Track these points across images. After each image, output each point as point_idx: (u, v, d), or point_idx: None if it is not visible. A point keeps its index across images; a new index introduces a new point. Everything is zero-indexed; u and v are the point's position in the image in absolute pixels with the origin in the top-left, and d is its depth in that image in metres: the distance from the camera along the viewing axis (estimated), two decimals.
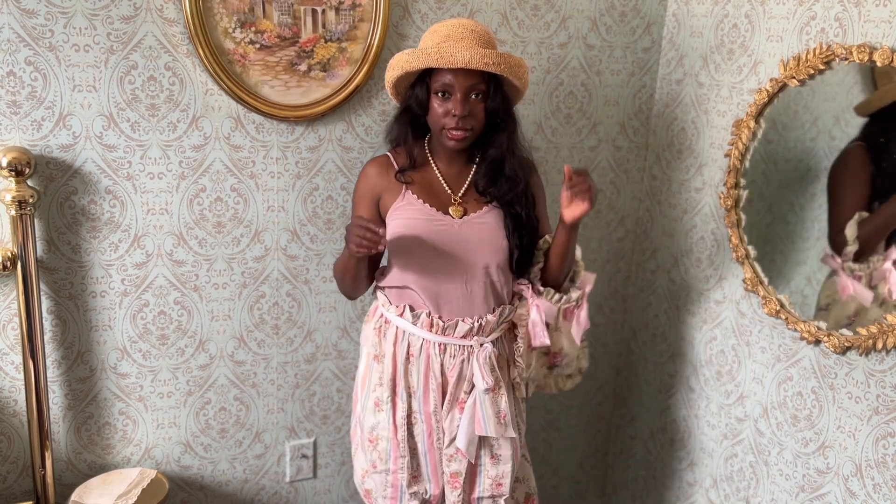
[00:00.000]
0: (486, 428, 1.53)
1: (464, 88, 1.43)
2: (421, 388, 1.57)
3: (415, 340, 1.56)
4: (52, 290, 1.67)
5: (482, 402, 1.53)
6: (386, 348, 1.59)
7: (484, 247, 1.53)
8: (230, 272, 1.81)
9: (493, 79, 1.46)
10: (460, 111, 1.44)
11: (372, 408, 1.61)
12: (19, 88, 1.54)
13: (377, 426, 1.61)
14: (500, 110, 1.49)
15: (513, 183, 1.54)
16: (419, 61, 1.43)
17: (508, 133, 1.52)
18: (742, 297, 1.85)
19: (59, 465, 1.76)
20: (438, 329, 1.54)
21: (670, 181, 2.08)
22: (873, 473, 1.54)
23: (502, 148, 1.53)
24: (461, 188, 1.58)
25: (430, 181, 1.57)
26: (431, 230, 1.52)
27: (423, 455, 1.62)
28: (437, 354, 1.56)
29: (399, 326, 1.58)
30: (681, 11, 2.01)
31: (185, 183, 1.72)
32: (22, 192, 1.52)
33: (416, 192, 1.55)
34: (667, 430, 2.15)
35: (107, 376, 1.76)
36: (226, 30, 1.63)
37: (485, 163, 1.56)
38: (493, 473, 1.62)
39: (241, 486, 1.97)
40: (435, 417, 1.58)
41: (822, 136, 1.61)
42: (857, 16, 1.50)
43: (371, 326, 1.64)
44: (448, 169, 1.58)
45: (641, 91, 2.10)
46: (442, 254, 1.52)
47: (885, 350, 1.48)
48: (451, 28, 1.45)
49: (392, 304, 1.59)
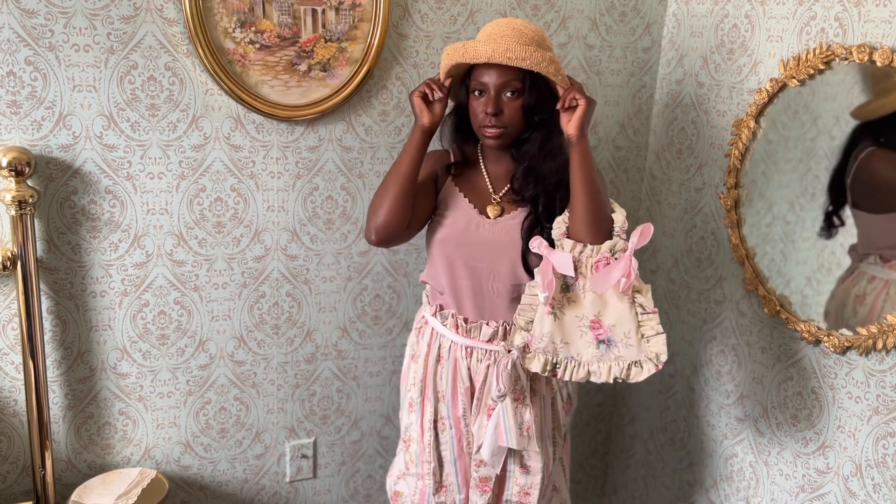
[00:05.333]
0: (508, 439, 1.50)
1: (496, 86, 1.43)
2: (449, 392, 1.57)
3: (444, 342, 1.58)
4: (52, 290, 1.67)
5: (504, 412, 1.49)
6: (421, 348, 1.62)
7: (510, 248, 1.51)
8: (230, 272, 1.81)
9: (531, 77, 1.43)
10: (491, 108, 1.43)
11: (407, 408, 1.65)
12: (19, 88, 1.54)
13: (409, 427, 1.64)
14: (538, 108, 1.45)
15: (541, 182, 1.49)
16: (448, 58, 1.46)
17: (545, 132, 1.48)
18: (742, 297, 1.85)
19: (59, 464, 1.76)
20: (463, 330, 1.54)
21: (670, 181, 2.08)
22: (873, 473, 1.54)
23: (535, 146, 1.49)
24: (503, 188, 1.56)
25: (476, 179, 1.58)
26: (464, 227, 1.53)
27: (451, 464, 1.60)
28: (463, 357, 1.56)
29: (433, 327, 1.60)
30: (681, 11, 2.01)
31: (185, 183, 1.72)
32: (22, 192, 1.52)
33: (460, 186, 1.57)
34: (667, 430, 2.15)
35: (107, 376, 1.76)
36: (226, 30, 1.63)
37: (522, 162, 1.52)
38: (521, 482, 1.59)
39: (241, 486, 1.97)
40: (464, 422, 1.58)
41: (822, 136, 1.61)
42: (857, 16, 1.50)
43: (414, 326, 1.68)
44: (494, 168, 1.57)
45: (641, 91, 2.10)
46: (471, 253, 1.52)
47: (885, 350, 1.48)
48: (494, 26, 1.46)
49: (429, 304, 1.62)
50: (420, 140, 1.49)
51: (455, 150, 1.61)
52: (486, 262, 1.52)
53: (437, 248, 1.56)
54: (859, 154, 1.54)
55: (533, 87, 1.44)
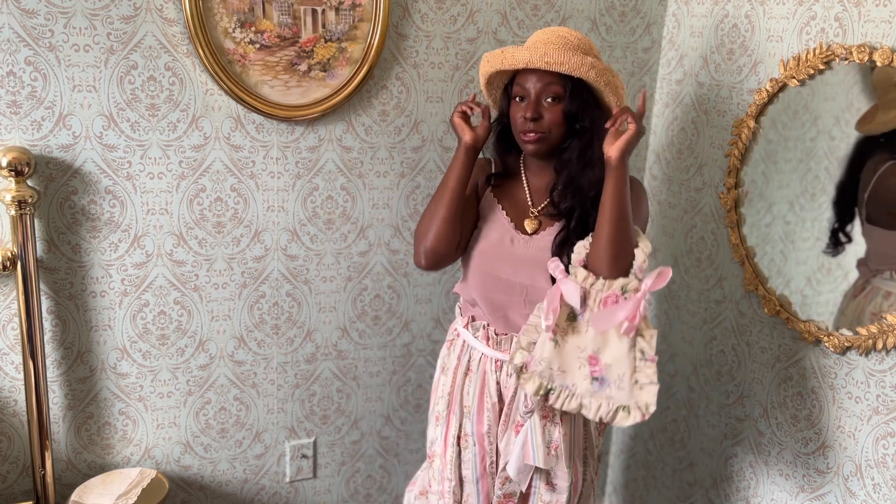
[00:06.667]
0: (535, 458, 1.45)
1: (536, 91, 1.41)
2: (475, 407, 1.54)
3: (475, 354, 1.55)
4: (52, 290, 1.67)
5: (532, 430, 1.45)
6: (451, 360, 1.60)
7: (540, 265, 1.45)
8: (230, 272, 1.81)
9: (572, 83, 1.41)
10: (531, 113, 1.41)
11: (433, 421, 1.63)
12: (19, 88, 1.54)
13: (435, 442, 1.61)
14: (579, 115, 1.42)
15: (579, 194, 1.44)
16: (488, 65, 1.45)
17: (585, 141, 1.43)
18: (742, 297, 1.85)
19: (59, 464, 1.76)
20: (494, 343, 1.52)
21: (670, 181, 2.08)
22: (873, 473, 1.54)
23: (573, 154, 1.44)
24: (542, 201, 1.52)
25: (517, 191, 1.55)
26: (499, 240, 1.50)
27: (472, 483, 1.56)
28: (492, 371, 1.52)
29: (464, 339, 1.58)
30: (681, 11, 2.01)
31: (185, 183, 1.72)
32: (22, 192, 1.52)
33: (499, 198, 1.54)
34: (667, 430, 2.15)
35: (107, 376, 1.76)
36: (226, 30, 1.63)
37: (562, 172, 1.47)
38: (546, 499, 1.54)
39: (241, 486, 1.97)
40: (488, 439, 1.54)
41: (822, 136, 1.61)
42: (857, 16, 1.50)
43: (447, 339, 1.66)
44: (536, 180, 1.53)
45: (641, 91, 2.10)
46: (504, 268, 1.49)
47: (885, 350, 1.48)
48: (540, 33, 1.45)
49: (462, 315, 1.60)
50: (464, 158, 1.47)
51: (496, 160, 1.58)
52: (519, 277, 1.48)
53: (471, 260, 1.53)
54: (877, 168, 1.49)
55: (575, 93, 1.41)
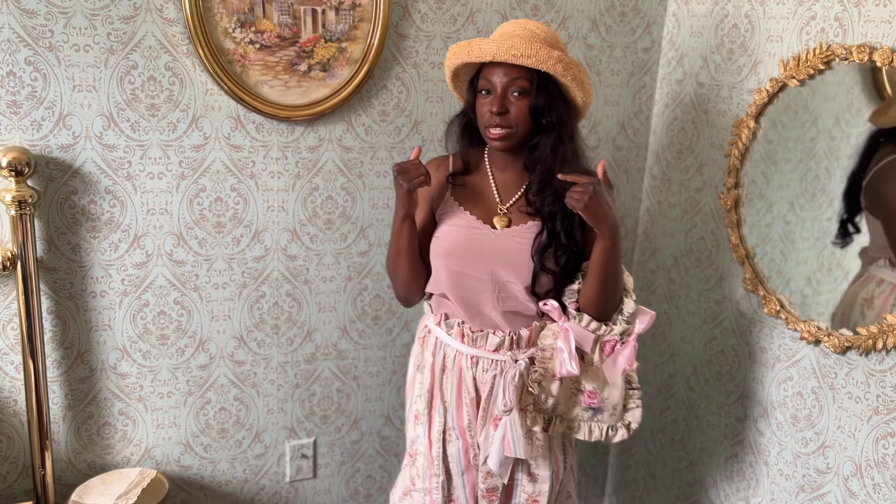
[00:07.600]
0: (516, 449, 1.45)
1: (502, 84, 1.39)
2: (454, 402, 1.54)
3: (449, 351, 1.53)
4: (52, 290, 1.67)
5: (512, 422, 1.45)
6: (426, 358, 1.58)
7: (514, 264, 1.45)
8: (230, 272, 1.81)
9: (539, 77, 1.39)
10: (497, 107, 1.39)
11: (413, 420, 1.61)
12: (19, 88, 1.54)
13: (416, 440, 1.60)
14: (546, 110, 1.40)
15: (558, 195, 1.42)
16: (455, 57, 1.44)
17: (555, 136, 1.42)
18: (742, 297, 1.85)
19: (59, 465, 1.76)
20: (469, 340, 1.50)
21: (670, 181, 2.08)
22: (873, 473, 1.54)
23: (545, 152, 1.42)
24: (511, 197, 1.51)
25: (482, 188, 1.53)
26: (467, 239, 1.48)
27: (459, 476, 1.56)
28: (468, 367, 1.51)
29: (437, 336, 1.56)
30: (681, 11, 2.01)
31: (185, 183, 1.72)
32: (22, 192, 1.52)
33: (461, 199, 1.52)
34: (667, 430, 2.15)
35: (107, 376, 1.76)
36: (226, 30, 1.63)
37: (534, 170, 1.45)
38: (529, 490, 1.56)
39: (241, 486, 1.97)
40: (469, 433, 1.54)
41: (822, 136, 1.61)
42: (857, 16, 1.50)
43: (417, 336, 1.63)
44: (502, 176, 1.52)
45: (641, 91, 2.10)
46: (474, 264, 1.46)
47: (885, 350, 1.48)
48: (506, 26, 1.43)
49: (433, 313, 1.58)
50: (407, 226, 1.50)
51: (456, 157, 1.56)
52: (493, 273, 1.46)
53: (441, 261, 1.50)
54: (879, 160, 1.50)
55: (541, 87, 1.39)
